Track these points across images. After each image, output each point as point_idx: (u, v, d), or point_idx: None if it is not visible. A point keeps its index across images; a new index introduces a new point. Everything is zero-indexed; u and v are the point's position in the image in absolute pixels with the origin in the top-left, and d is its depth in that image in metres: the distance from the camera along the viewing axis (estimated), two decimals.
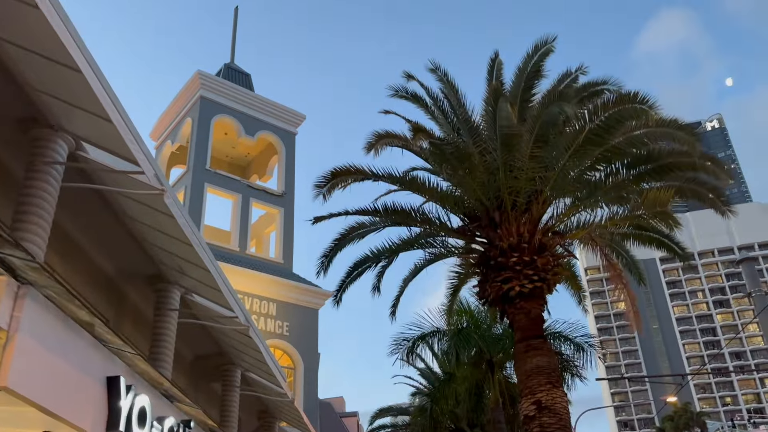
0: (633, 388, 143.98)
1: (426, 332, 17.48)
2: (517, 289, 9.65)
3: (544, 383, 9.16)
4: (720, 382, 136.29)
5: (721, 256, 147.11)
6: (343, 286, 12.03)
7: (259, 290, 30.40)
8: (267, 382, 18.20)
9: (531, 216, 10.03)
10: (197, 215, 29.89)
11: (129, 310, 14.00)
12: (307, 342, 31.73)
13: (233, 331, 14.73)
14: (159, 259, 12.64)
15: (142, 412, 5.40)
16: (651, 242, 11.82)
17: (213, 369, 17.72)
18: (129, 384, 5.32)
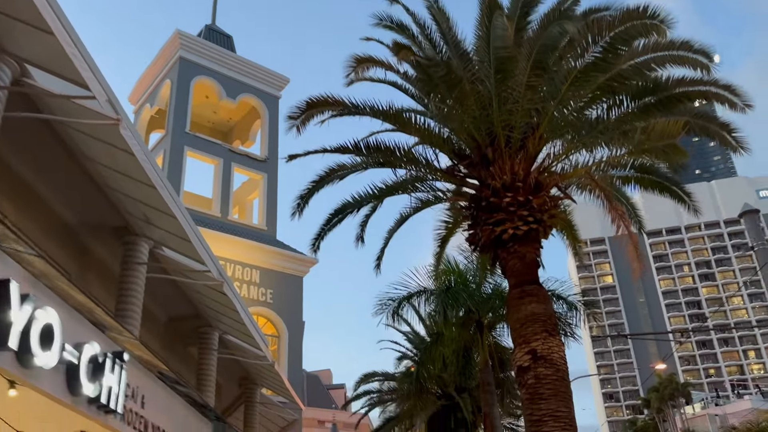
0: (618, 360, 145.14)
1: (412, 292, 16.70)
2: (510, 231, 8.84)
3: (539, 331, 8.40)
4: (704, 354, 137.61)
5: (707, 230, 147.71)
6: (321, 233, 11.18)
7: (241, 257, 29.58)
8: (246, 345, 17.44)
9: (526, 153, 9.19)
10: (177, 180, 28.86)
11: (94, 265, 13.10)
12: (292, 310, 31.03)
13: (208, 288, 13.89)
14: (123, 207, 11.73)
15: (46, 331, 4.41)
16: (654, 186, 11.05)
17: (189, 332, 16.91)
18: (26, 293, 4.35)
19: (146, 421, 4.68)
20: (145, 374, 4.80)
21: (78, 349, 4.48)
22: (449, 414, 21.94)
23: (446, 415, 22.00)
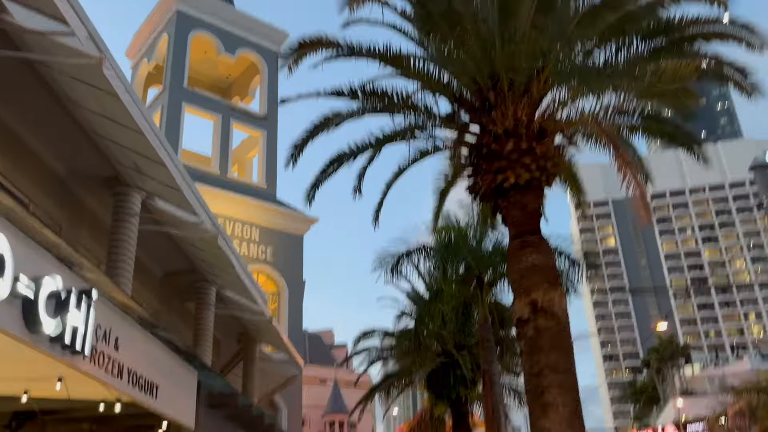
0: (619, 323, 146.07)
1: (411, 249, 16.43)
2: (512, 180, 8.47)
3: (540, 282, 8.10)
4: (704, 317, 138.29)
5: (711, 193, 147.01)
6: (317, 183, 10.83)
7: (240, 214, 29.33)
8: (244, 300, 17.28)
9: (530, 98, 8.76)
10: (175, 137, 28.42)
11: (86, 217, 12.82)
12: (292, 268, 30.90)
13: (203, 242, 13.63)
14: (113, 155, 11.36)
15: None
16: (663, 135, 10.62)
17: (186, 287, 16.71)
18: None
19: (121, 365, 4.40)
20: (120, 316, 4.50)
21: (36, 282, 4.17)
22: (448, 371, 21.90)
23: (445, 372, 21.96)
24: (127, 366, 4.48)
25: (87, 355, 3.91)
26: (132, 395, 4.52)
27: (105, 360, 4.17)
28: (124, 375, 4.43)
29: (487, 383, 15.94)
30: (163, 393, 5.04)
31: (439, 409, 24.07)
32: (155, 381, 4.95)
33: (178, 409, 5.39)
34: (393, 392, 25.79)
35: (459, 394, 22.20)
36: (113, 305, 4.44)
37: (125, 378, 4.45)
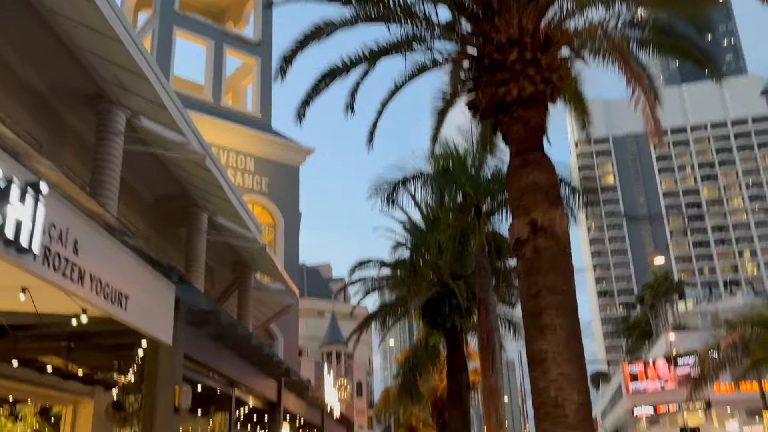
0: (615, 259, 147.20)
1: (408, 176, 15.96)
2: (515, 93, 7.95)
3: (541, 201, 7.69)
4: (700, 254, 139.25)
5: (713, 131, 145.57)
6: (307, 99, 10.28)
7: (235, 144, 28.77)
8: (236, 227, 16.96)
9: (536, 4, 8.13)
10: (166, 63, 27.49)
11: (68, 137, 12.30)
12: (288, 199, 30.58)
13: (192, 164, 13.17)
14: (94, 69, 10.76)
15: None
16: (674, 51, 10.04)
17: (177, 213, 16.35)
18: None
19: (82, 270, 4.00)
20: (81, 219, 4.07)
21: None
22: (444, 300, 21.80)
23: (441, 301, 21.86)
24: (90, 272, 4.09)
25: (38, 254, 3.53)
26: (96, 304, 4.14)
27: (62, 263, 3.77)
28: (86, 282, 4.04)
29: (483, 311, 15.78)
30: (134, 305, 4.67)
31: (434, 338, 24.11)
32: (124, 292, 4.57)
33: (153, 323, 5.04)
34: (389, 322, 25.82)
35: (454, 323, 22.15)
36: (72, 206, 4.01)
37: (87, 285, 4.07)
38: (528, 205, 7.79)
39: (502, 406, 15.37)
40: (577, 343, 7.49)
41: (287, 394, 11.66)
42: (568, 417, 7.11)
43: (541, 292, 7.58)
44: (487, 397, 15.31)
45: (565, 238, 7.77)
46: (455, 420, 23.13)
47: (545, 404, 7.27)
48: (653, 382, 70.44)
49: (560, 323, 7.46)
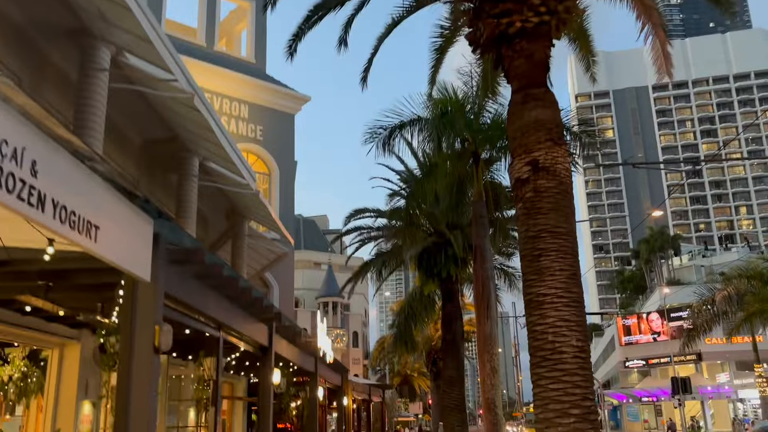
0: (611, 214, 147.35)
1: (405, 121, 15.47)
2: (518, 24, 7.48)
3: (543, 140, 7.31)
4: (696, 209, 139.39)
5: (715, 85, 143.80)
6: (299, 34, 9.78)
7: (229, 90, 28.11)
8: (228, 172, 16.57)
9: None
10: (157, 4, 26.55)
11: (50, 73, 11.79)
12: (283, 148, 30.07)
13: (180, 105, 12.69)
14: (76, 2, 10.18)
15: None
16: None
17: (167, 157, 15.94)
18: None
19: (42, 194, 3.65)
20: (42, 140, 3.70)
21: None
22: (439, 250, 21.60)
23: (436, 251, 21.67)
24: (52, 198, 3.74)
25: None
26: (62, 234, 3.80)
27: (17, 184, 3.41)
28: (48, 207, 3.69)
29: (479, 259, 15.55)
30: (105, 237, 4.33)
31: (429, 288, 24.01)
32: (94, 222, 4.23)
33: (128, 258, 4.71)
34: (384, 272, 25.70)
35: (449, 273, 22.00)
36: (32, 125, 3.62)
37: (50, 211, 3.72)
38: (529, 144, 7.41)
39: (497, 355, 15.29)
40: (576, 287, 7.22)
41: (279, 340, 11.47)
42: (566, 362, 6.89)
43: (541, 234, 7.27)
44: (481, 346, 15.20)
45: (567, 178, 7.42)
46: (449, 368, 23.23)
47: (543, 349, 7.04)
48: (646, 335, 71.34)
49: (560, 266, 7.17)
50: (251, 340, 9.81)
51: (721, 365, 64.67)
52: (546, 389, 6.96)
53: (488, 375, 15.05)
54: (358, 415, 31.05)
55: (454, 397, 22.72)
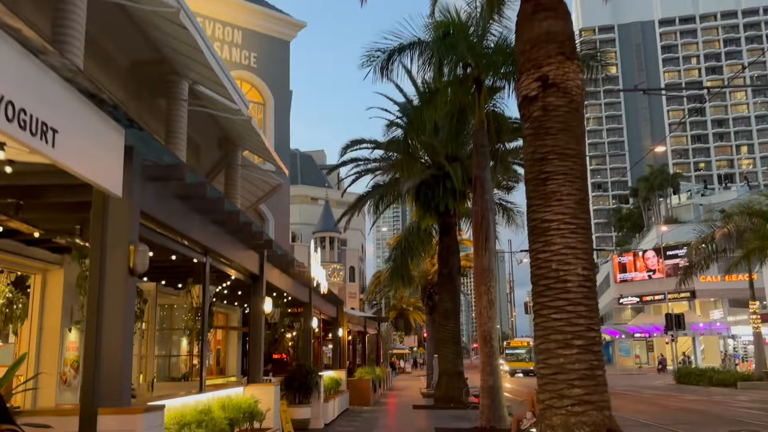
0: (612, 152, 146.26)
1: (405, 43, 14.70)
2: None
3: (554, 54, 6.73)
4: (697, 148, 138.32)
5: (723, 20, 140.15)
6: None
7: (221, 14, 27.03)
8: (219, 97, 15.91)
9: None
10: None
11: None
12: (278, 76, 29.18)
13: (164, 20, 11.93)
14: None
15: None
16: None
17: (156, 80, 15.25)
18: None
19: None
20: None
21: None
22: (438, 183, 21.15)
23: (434, 184, 21.22)
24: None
25: None
26: (9, 133, 3.28)
27: None
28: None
29: (478, 190, 15.09)
30: (65, 142, 3.84)
31: (427, 221, 23.70)
32: (51, 124, 3.74)
33: (94, 168, 4.23)
34: (381, 205, 25.28)
35: (447, 206, 21.61)
36: None
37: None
38: (539, 58, 6.83)
39: (494, 288, 15.04)
40: (584, 213, 6.79)
41: (271, 269, 11.12)
42: (570, 291, 6.53)
43: (549, 156, 6.78)
44: (479, 278, 14.93)
45: (579, 95, 6.87)
46: (445, 301, 23.17)
47: (546, 278, 6.66)
48: (641, 273, 71.91)
49: (567, 191, 6.72)
50: (241, 267, 9.44)
51: (714, 303, 65.41)
52: (548, 319, 6.62)
53: (485, 307, 14.83)
54: (354, 346, 31.28)
55: (449, 329, 22.72)
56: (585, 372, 6.36)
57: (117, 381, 4.90)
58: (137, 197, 5.32)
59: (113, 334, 4.87)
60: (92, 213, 5.02)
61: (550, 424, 6.36)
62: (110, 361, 4.89)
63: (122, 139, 4.91)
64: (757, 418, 17.97)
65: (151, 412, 4.92)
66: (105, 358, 4.80)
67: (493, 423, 14.40)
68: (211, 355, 19.59)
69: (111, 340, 4.85)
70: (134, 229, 5.24)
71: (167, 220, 6.22)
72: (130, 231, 5.15)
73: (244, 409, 8.31)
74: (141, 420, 4.74)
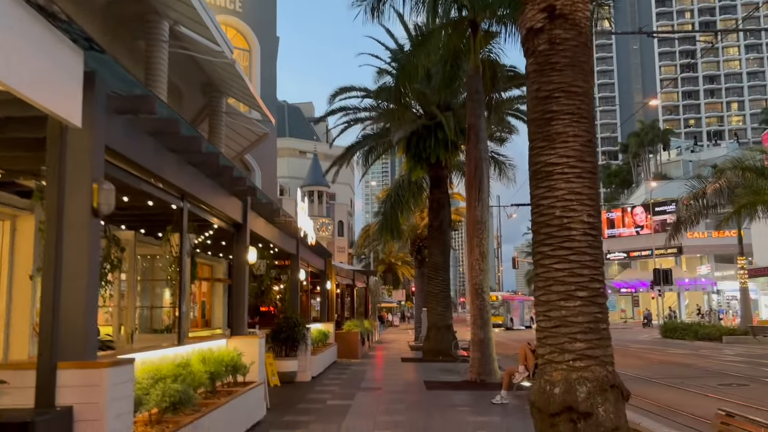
0: (602, 107, 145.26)
1: None
2: None
3: None
4: (687, 104, 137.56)
5: None
6: None
7: None
8: (201, 38, 15.13)
9: None
10: None
11: None
12: (264, 21, 28.14)
13: None
14: None
15: None
16: None
17: (135, 20, 14.43)
18: None
19: None
20: None
21: None
22: (429, 134, 20.56)
23: (426, 134, 20.63)
24: None
25: None
26: None
27: None
28: None
29: (473, 138, 14.55)
30: (6, 60, 3.23)
31: (417, 173, 23.16)
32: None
33: (44, 90, 3.66)
34: (371, 157, 24.70)
35: (439, 158, 21.08)
36: None
37: None
38: None
39: (486, 239, 14.65)
40: (590, 156, 6.31)
41: (255, 218, 10.62)
42: (574, 240, 6.09)
43: (554, 93, 6.25)
44: (471, 230, 14.52)
45: (588, 28, 6.31)
46: (435, 255, 22.84)
47: (549, 225, 6.21)
48: (629, 229, 72.16)
49: (574, 131, 6.22)
50: (223, 215, 8.92)
51: (700, 259, 65.91)
52: (550, 269, 6.19)
53: (477, 260, 14.47)
54: (342, 299, 31.08)
55: (438, 283, 22.46)
56: (588, 325, 5.97)
57: (80, 332, 4.44)
58: (101, 130, 4.77)
59: (75, 281, 4.38)
60: (48, 145, 4.47)
61: (549, 380, 5.99)
62: (72, 310, 4.42)
63: (81, 63, 4.34)
64: (744, 372, 17.99)
65: (118, 366, 4.48)
66: (66, 308, 4.32)
67: (484, 377, 14.20)
68: (196, 308, 19.23)
69: (72, 288, 4.36)
70: (98, 166, 4.71)
71: (138, 158, 5.68)
72: (93, 167, 4.62)
73: (227, 363, 7.92)
74: (106, 375, 4.30)
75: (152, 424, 5.55)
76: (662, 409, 10.99)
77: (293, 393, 12.79)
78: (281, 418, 9.74)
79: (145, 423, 5.61)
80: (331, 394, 12.81)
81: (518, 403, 11.29)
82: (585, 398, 5.78)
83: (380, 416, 10.00)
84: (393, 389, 13.50)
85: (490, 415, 10.19)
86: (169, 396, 5.38)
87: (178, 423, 5.66)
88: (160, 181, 6.40)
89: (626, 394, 6.05)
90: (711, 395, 13.12)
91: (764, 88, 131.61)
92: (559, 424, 5.83)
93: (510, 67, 18.53)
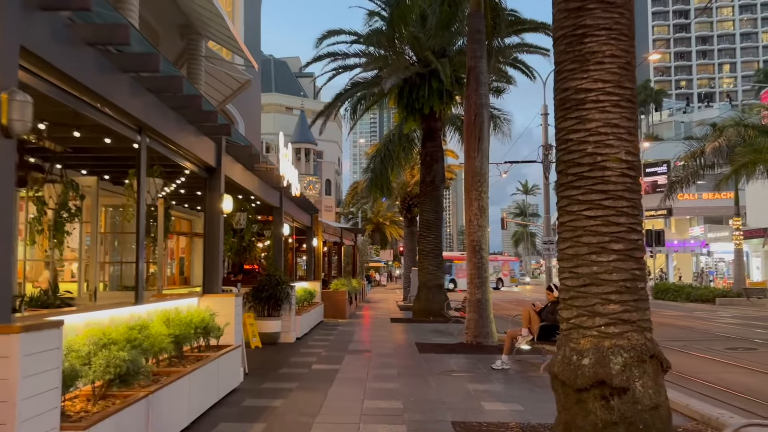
0: None
1: None
2: None
3: None
4: (679, 66, 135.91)
5: None
6: None
7: None
8: None
9: None
10: None
11: None
12: None
13: None
14: None
15: None
16: None
17: None
18: None
19: None
20: None
21: None
22: (423, 82, 19.31)
23: (420, 83, 19.37)
24: None
25: None
26: None
27: None
28: None
29: (472, 83, 13.40)
30: None
31: (410, 125, 21.95)
32: None
33: None
34: (360, 108, 23.41)
35: (433, 108, 19.87)
36: None
37: None
38: None
39: (486, 194, 13.61)
40: (630, 82, 5.24)
41: (231, 162, 9.51)
42: (609, 182, 5.06)
43: (588, 4, 5.15)
44: (469, 182, 13.47)
45: None
46: (427, 212, 21.84)
47: (578, 164, 5.17)
48: None
49: (611, 51, 5.14)
50: (193, 156, 7.79)
51: (690, 221, 65.46)
52: (579, 217, 5.16)
53: (475, 215, 13.46)
54: (329, 258, 30.13)
55: (430, 240, 21.50)
56: (624, 284, 4.98)
57: None
58: (13, 26, 3.62)
59: None
60: None
61: (577, 349, 5.02)
62: None
63: None
64: (745, 335, 17.32)
65: (36, 330, 3.44)
66: None
67: (480, 339, 13.33)
68: (174, 264, 18.16)
69: None
70: (8, 70, 3.57)
71: (74, 73, 4.52)
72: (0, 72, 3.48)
73: (196, 324, 6.90)
74: (17, 342, 3.26)
75: (95, 399, 4.53)
76: (675, 376, 10.17)
77: (275, 356, 11.86)
78: (260, 385, 8.79)
79: (88, 398, 4.59)
80: (316, 357, 11.89)
81: (520, 369, 10.42)
82: (620, 371, 4.83)
83: (370, 383, 9.08)
84: (383, 352, 12.60)
85: (491, 382, 9.29)
86: (114, 366, 4.36)
87: (127, 398, 4.65)
88: (107, 106, 5.25)
89: (666, 365, 5.10)
90: (720, 359, 12.37)
91: (757, 50, 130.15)
92: (588, 401, 4.89)
93: (510, 10, 17.25)
